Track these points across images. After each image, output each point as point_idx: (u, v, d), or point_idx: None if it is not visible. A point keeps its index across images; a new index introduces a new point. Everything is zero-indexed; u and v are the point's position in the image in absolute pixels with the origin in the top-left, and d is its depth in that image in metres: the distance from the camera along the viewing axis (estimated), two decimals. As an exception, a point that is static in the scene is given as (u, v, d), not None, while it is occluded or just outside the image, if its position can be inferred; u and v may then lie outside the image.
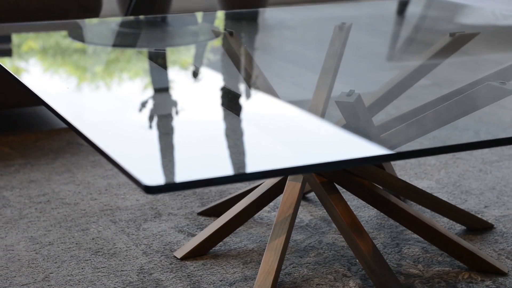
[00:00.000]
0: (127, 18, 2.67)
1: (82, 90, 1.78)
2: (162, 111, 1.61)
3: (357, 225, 1.67)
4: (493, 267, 1.73)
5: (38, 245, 1.86)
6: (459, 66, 2.78)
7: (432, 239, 1.74)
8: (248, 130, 1.49)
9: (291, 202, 1.72)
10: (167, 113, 1.62)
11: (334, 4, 4.60)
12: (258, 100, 1.81)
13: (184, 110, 1.64)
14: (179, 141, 1.41)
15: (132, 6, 2.91)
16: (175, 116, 1.60)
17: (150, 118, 1.54)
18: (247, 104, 1.77)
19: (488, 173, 2.25)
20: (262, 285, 1.62)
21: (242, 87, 1.90)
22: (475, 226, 1.91)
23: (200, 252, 1.81)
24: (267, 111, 1.72)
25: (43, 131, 2.62)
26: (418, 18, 3.02)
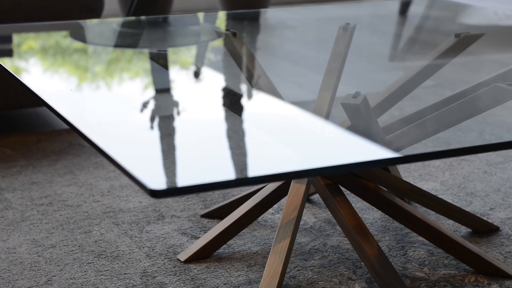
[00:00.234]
0: (129, 19, 2.66)
1: (83, 91, 1.76)
2: (166, 112, 1.60)
3: (362, 228, 1.65)
4: (499, 270, 1.71)
5: (40, 247, 1.84)
6: (462, 66, 2.77)
7: (437, 242, 1.73)
8: (253, 132, 1.48)
9: (296, 204, 1.71)
10: (171, 114, 1.60)
11: (335, 4, 4.59)
12: (262, 101, 1.79)
13: (187, 111, 1.63)
14: (184, 142, 1.39)
15: (133, 7, 2.90)
16: (179, 117, 1.59)
17: (155, 119, 1.52)
18: (252, 105, 1.76)
19: (493, 174, 2.24)
20: (267, 288, 1.61)
21: (247, 89, 1.89)
22: (481, 228, 1.90)
23: (203, 254, 1.79)
24: (272, 113, 1.70)
25: (45, 132, 2.61)
26: (421, 18, 3.01)
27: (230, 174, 1.21)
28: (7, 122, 2.75)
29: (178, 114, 1.62)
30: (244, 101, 1.78)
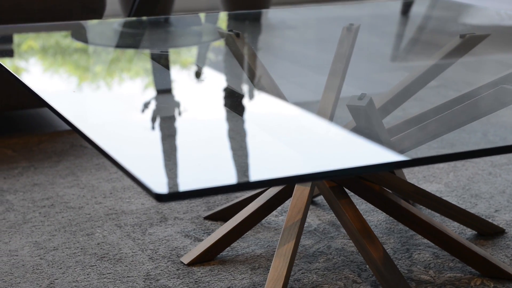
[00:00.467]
0: (130, 19, 2.65)
1: (85, 92, 1.75)
2: (172, 113, 1.59)
3: (367, 230, 1.64)
4: (505, 273, 1.70)
5: (42, 250, 1.83)
6: (465, 67, 2.76)
7: (443, 244, 1.71)
8: (258, 134, 1.47)
9: (300, 207, 1.69)
10: (174, 115, 1.59)
11: (337, 4, 4.58)
12: (266, 102, 1.78)
13: (192, 112, 1.62)
14: (188, 144, 1.38)
15: (135, 7, 2.89)
16: (183, 118, 1.57)
17: (158, 120, 1.51)
18: (256, 106, 1.75)
19: (497, 176, 2.23)
20: (272, 292, 1.59)
21: (250, 89, 1.88)
22: (486, 230, 1.88)
23: (207, 257, 1.78)
24: (277, 114, 1.69)
25: (46, 133, 2.59)
26: (423, 18, 3.00)
27: (235, 177, 1.20)
28: (9, 123, 2.73)
29: (180, 114, 1.61)
30: (247, 102, 1.76)
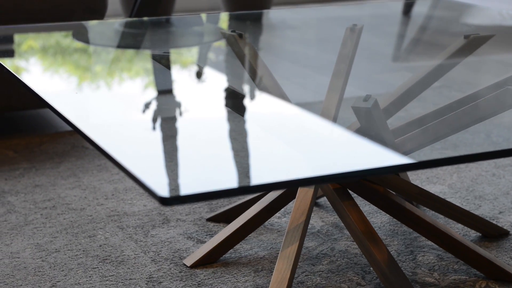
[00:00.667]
0: (132, 19, 2.64)
1: (86, 92, 1.74)
2: (174, 113, 1.58)
3: (371, 232, 1.63)
4: (510, 276, 1.69)
5: (44, 252, 1.82)
6: (468, 67, 2.75)
7: (447, 247, 1.70)
8: (263, 136, 1.46)
9: (304, 209, 1.68)
10: (175, 115, 1.58)
11: (338, 4, 4.57)
12: (269, 103, 1.77)
13: (194, 112, 1.61)
14: (192, 145, 1.37)
15: (136, 7, 2.88)
16: (184, 118, 1.56)
17: (160, 121, 1.50)
18: (259, 107, 1.74)
19: (501, 177, 2.22)
20: (275, 294, 1.58)
21: (253, 90, 1.87)
22: (491, 232, 1.87)
23: (210, 259, 1.77)
24: (279, 115, 1.68)
25: (48, 134, 2.58)
26: (424, 18, 2.99)
27: (241, 180, 1.19)
28: (10, 124, 2.72)
29: (181, 114, 1.60)
30: (250, 102, 1.75)
